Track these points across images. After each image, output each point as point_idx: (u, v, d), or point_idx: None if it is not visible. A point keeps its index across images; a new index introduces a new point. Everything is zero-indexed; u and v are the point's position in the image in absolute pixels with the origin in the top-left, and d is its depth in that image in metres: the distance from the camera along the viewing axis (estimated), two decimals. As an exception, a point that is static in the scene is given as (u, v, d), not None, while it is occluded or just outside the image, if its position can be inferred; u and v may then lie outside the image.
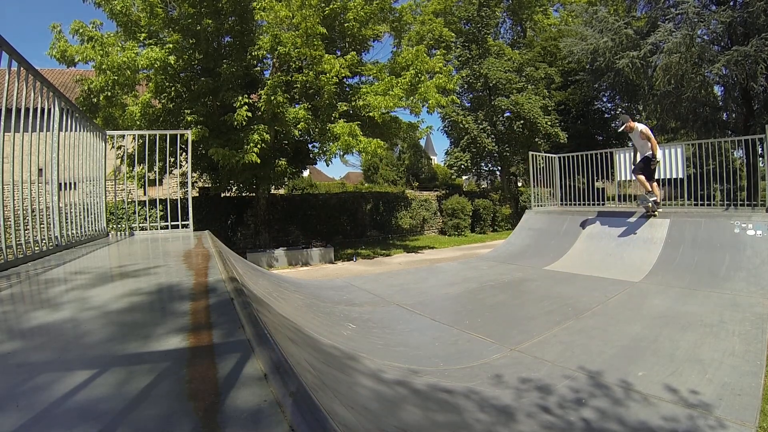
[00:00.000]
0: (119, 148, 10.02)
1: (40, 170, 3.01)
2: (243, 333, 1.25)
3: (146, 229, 5.21)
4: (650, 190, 5.81)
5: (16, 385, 0.94)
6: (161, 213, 9.79)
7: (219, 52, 10.05)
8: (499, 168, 20.49)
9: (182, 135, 5.85)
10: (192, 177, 6.29)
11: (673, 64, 10.88)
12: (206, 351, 1.14)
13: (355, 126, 9.64)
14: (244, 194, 13.15)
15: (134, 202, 6.68)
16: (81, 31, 8.71)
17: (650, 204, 5.81)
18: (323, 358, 1.99)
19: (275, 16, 9.26)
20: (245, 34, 9.93)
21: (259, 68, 10.94)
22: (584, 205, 8.44)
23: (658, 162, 5.84)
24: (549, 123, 16.93)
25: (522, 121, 17.10)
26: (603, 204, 8.89)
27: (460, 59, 18.00)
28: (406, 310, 4.06)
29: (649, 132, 5.82)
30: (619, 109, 18.83)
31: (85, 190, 4.00)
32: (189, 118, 9.25)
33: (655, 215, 5.90)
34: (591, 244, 6.27)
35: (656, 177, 6.02)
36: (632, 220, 6.21)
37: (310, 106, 10.13)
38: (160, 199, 10.34)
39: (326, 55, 9.43)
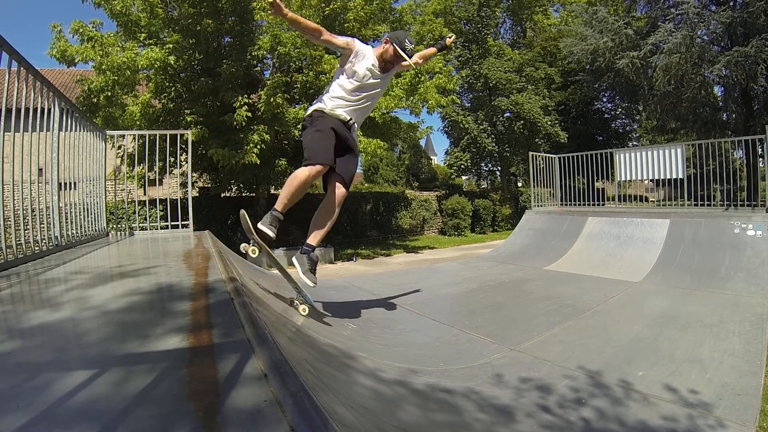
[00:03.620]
0: (119, 147, 10.02)
1: (40, 170, 3.01)
2: (243, 333, 1.25)
3: (146, 229, 5.21)
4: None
5: (16, 385, 0.94)
6: (161, 213, 9.78)
7: (219, 52, 10.05)
8: (499, 168, 20.51)
9: (182, 135, 5.86)
10: (192, 177, 6.29)
11: (673, 65, 10.88)
12: (206, 351, 1.14)
13: (355, 126, 9.64)
14: (244, 194, 13.15)
15: (134, 202, 6.68)
16: (81, 31, 8.70)
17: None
18: (323, 358, 1.99)
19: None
20: (245, 34, 9.93)
21: (259, 68, 10.94)
22: (584, 205, 8.44)
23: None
24: (549, 123, 16.94)
25: (522, 122, 17.11)
26: (603, 204, 8.90)
27: (460, 59, 18.01)
28: (406, 310, 4.06)
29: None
30: (619, 110, 18.87)
31: (85, 190, 4.00)
32: (189, 118, 9.25)
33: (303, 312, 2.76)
34: (591, 244, 6.26)
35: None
36: (632, 220, 6.20)
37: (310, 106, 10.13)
38: (160, 199, 10.33)
39: (326, 55, 9.43)
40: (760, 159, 8.45)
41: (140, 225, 5.29)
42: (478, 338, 3.20)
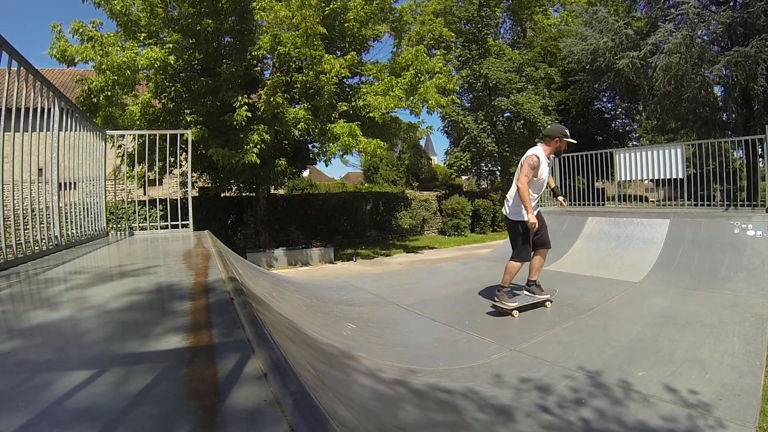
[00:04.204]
0: (119, 147, 10.02)
1: (40, 170, 3.01)
2: (243, 333, 1.25)
3: (146, 229, 5.21)
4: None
5: (16, 385, 0.94)
6: (161, 213, 9.78)
7: (219, 52, 10.04)
8: (499, 168, 20.49)
9: (182, 135, 5.86)
10: (192, 177, 6.28)
11: (673, 65, 10.88)
12: (206, 350, 1.14)
13: (355, 126, 9.64)
14: (244, 194, 13.15)
15: (134, 201, 6.68)
16: (81, 30, 8.70)
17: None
18: (323, 358, 1.99)
19: (275, 16, 9.25)
20: (245, 34, 9.93)
21: (259, 68, 10.93)
22: (584, 205, 8.44)
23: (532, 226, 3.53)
24: (549, 123, 16.93)
25: (522, 121, 17.10)
26: (603, 204, 8.89)
27: (460, 59, 18.00)
28: (406, 310, 4.06)
29: (523, 167, 3.61)
30: (619, 110, 18.89)
31: (85, 189, 4.00)
32: (189, 118, 9.25)
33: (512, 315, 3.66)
34: (591, 244, 6.26)
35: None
36: (632, 220, 6.21)
37: (310, 106, 10.13)
38: (160, 199, 10.34)
39: (326, 55, 9.42)
40: (760, 159, 8.44)
41: (140, 225, 5.29)
42: (478, 338, 3.20)
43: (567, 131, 3.71)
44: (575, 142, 3.84)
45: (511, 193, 3.75)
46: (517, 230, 3.68)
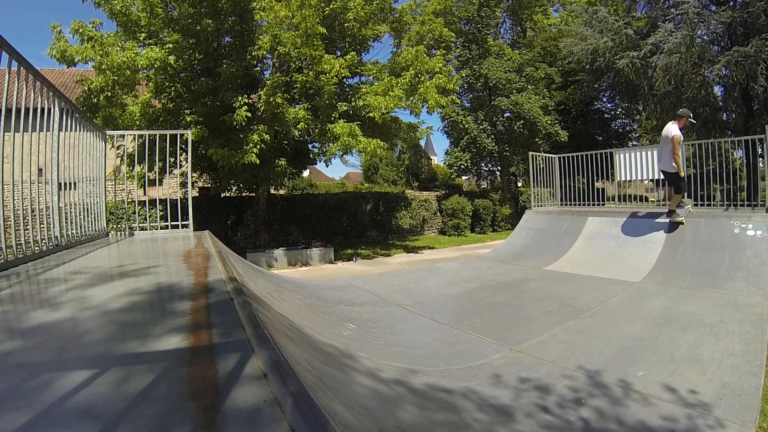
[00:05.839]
0: (119, 147, 10.02)
1: (40, 170, 3.01)
2: (243, 333, 1.25)
3: (146, 229, 5.21)
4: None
5: (16, 385, 0.94)
6: (161, 213, 9.78)
7: (219, 52, 10.05)
8: (499, 168, 20.49)
9: (182, 135, 5.86)
10: (192, 177, 6.28)
11: (673, 65, 10.87)
12: (206, 351, 1.14)
13: (355, 126, 9.64)
14: (244, 194, 13.15)
15: (134, 202, 6.68)
16: (81, 31, 8.70)
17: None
18: (323, 358, 1.99)
19: (275, 16, 9.25)
20: (245, 34, 9.93)
21: (259, 68, 10.94)
22: (584, 205, 8.44)
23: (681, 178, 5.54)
24: (549, 123, 16.93)
25: (522, 121, 17.10)
26: (603, 204, 8.89)
27: (460, 59, 18.00)
28: (406, 310, 4.06)
29: (674, 144, 5.42)
30: (619, 110, 18.89)
31: (85, 190, 4.00)
32: (189, 118, 9.25)
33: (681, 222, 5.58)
34: (591, 244, 6.26)
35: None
36: (632, 220, 6.21)
37: (310, 106, 10.13)
38: (160, 199, 10.34)
39: (326, 55, 9.42)
40: (760, 159, 8.44)
41: (140, 225, 5.29)
42: (477, 338, 3.20)
43: (690, 113, 5.61)
44: (695, 122, 4.94)
45: (666, 157, 5.58)
46: (677, 176, 5.49)
